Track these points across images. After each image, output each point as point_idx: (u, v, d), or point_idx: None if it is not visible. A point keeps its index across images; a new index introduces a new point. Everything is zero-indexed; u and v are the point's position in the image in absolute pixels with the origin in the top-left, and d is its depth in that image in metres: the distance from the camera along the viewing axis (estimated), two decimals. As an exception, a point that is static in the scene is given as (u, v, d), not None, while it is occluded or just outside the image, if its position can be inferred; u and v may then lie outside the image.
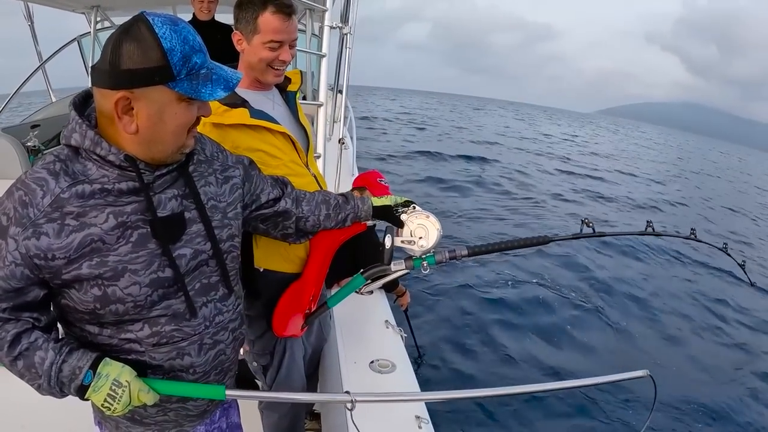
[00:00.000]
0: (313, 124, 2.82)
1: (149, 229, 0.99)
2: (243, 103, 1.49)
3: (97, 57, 0.95)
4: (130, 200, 0.98)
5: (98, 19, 5.09)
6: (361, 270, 1.62)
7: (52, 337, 1.01)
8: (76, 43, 5.28)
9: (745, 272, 1.63)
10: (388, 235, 1.50)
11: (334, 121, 4.85)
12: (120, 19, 5.04)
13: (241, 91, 1.54)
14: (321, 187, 1.70)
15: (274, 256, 1.64)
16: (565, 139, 34.59)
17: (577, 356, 4.96)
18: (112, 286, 0.97)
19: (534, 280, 6.76)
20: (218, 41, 2.24)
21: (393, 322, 2.22)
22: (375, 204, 1.51)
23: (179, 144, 1.00)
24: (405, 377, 1.87)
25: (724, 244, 1.61)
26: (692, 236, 1.57)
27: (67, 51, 5.13)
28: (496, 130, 32.70)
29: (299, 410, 1.96)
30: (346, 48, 3.66)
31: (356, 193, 1.61)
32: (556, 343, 5.15)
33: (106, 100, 0.92)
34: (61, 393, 1.01)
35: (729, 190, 21.92)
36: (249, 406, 2.01)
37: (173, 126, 0.96)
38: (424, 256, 1.50)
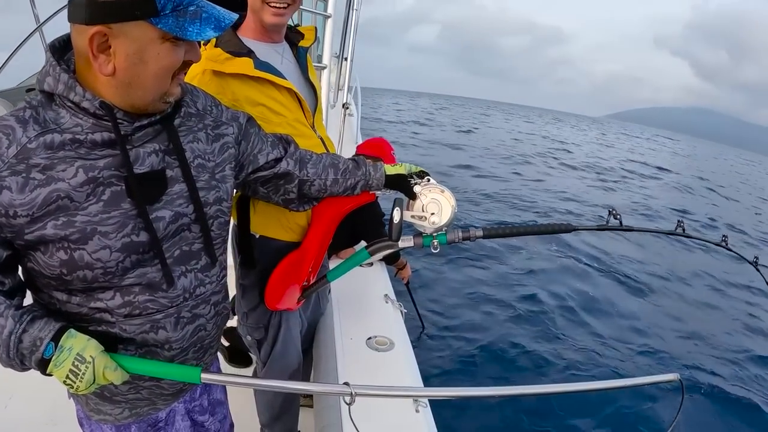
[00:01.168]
0: None
1: (124, 187, 0.90)
2: (248, 53, 1.39)
3: None
4: (104, 153, 0.88)
5: None
6: (366, 245, 1.53)
7: (14, 304, 0.91)
8: None
9: None
10: (397, 208, 1.38)
11: (338, 89, 4.70)
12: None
13: (248, 41, 1.44)
14: (328, 151, 1.59)
15: (271, 223, 1.55)
16: (593, 143, 33.91)
17: (589, 348, 4.82)
18: (80, 250, 0.87)
19: (553, 266, 6.64)
20: None
21: (393, 296, 2.13)
22: (388, 172, 1.39)
23: (162, 90, 0.90)
24: (403, 356, 1.78)
25: (755, 257, 1.49)
26: (723, 243, 1.46)
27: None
28: (513, 133, 32.26)
29: None
30: (352, 10, 3.49)
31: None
32: (565, 332, 5.02)
33: (81, 36, 0.82)
34: (22, 366, 0.91)
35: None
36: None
37: (155, 68, 0.86)
38: (435, 234, 1.39)
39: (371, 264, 2.33)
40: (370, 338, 1.82)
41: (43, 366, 0.89)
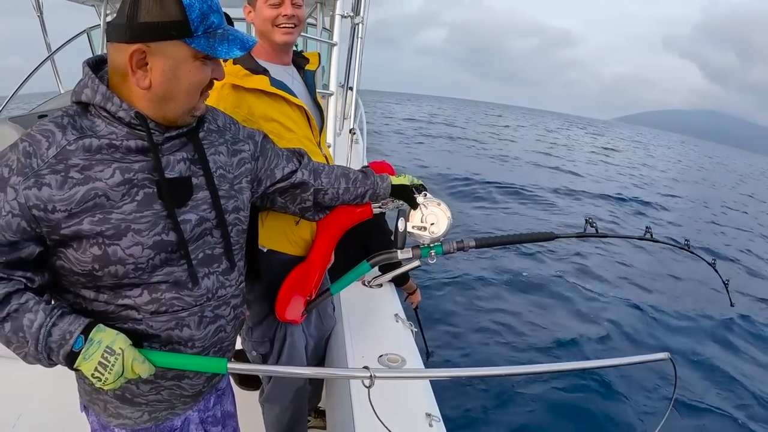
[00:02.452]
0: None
1: (155, 190, 0.96)
2: (264, 72, 1.50)
3: None
4: (138, 159, 0.95)
5: (108, 11, 5.05)
6: (368, 257, 1.58)
7: (44, 299, 0.95)
8: (85, 35, 5.24)
9: (727, 291, 1.65)
10: (402, 218, 1.47)
11: (344, 118, 4.79)
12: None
13: (261, 62, 1.54)
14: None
15: (278, 237, 1.60)
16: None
17: (597, 350, 5.03)
18: (114, 246, 0.92)
19: (542, 276, 6.86)
20: None
21: (403, 315, 2.13)
22: (394, 182, 1.49)
23: (191, 104, 0.98)
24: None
25: (713, 259, 1.64)
26: (686, 247, 1.61)
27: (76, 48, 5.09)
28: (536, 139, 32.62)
29: (302, 403, 1.88)
30: (357, 38, 3.59)
31: None
32: (571, 342, 5.14)
33: (120, 54, 0.91)
34: (49, 361, 0.94)
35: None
36: (248, 401, 1.93)
37: (187, 83, 0.95)
38: (432, 245, 1.47)
39: (380, 285, 2.35)
40: (381, 356, 1.82)
41: (71, 359, 0.92)
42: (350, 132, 3.52)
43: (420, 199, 1.46)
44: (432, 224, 1.44)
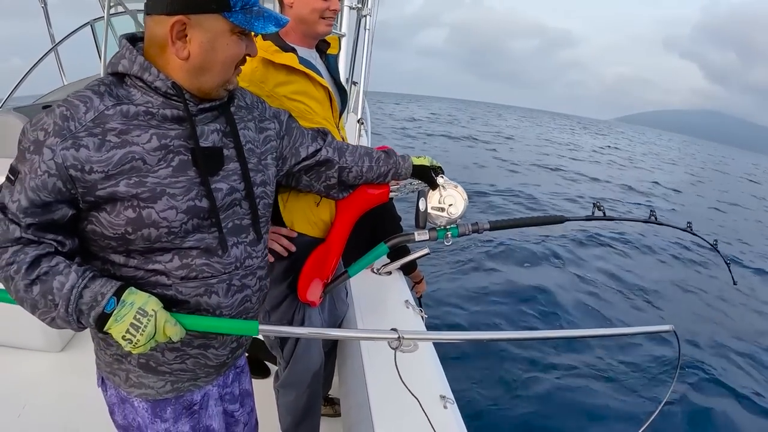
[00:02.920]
0: None
1: (190, 157, 0.99)
2: (293, 50, 1.51)
3: (111, 41, 0.99)
4: (173, 127, 0.98)
5: (111, 3, 5.05)
6: (386, 239, 1.60)
7: (75, 262, 0.95)
8: (89, 27, 5.24)
9: (729, 271, 1.71)
10: (422, 198, 1.50)
11: (348, 112, 4.78)
12: (133, 4, 5.01)
13: (289, 43, 1.56)
14: None
15: (299, 218, 1.60)
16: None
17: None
18: (148, 209, 0.94)
19: (546, 269, 6.98)
20: None
21: (413, 302, 2.13)
22: (415, 163, 1.52)
23: (226, 77, 1.01)
24: (427, 356, 1.77)
25: (715, 240, 1.70)
26: (688, 229, 1.67)
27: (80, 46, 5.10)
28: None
29: (317, 388, 1.87)
30: (364, 30, 3.57)
31: None
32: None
33: (160, 26, 0.93)
34: (78, 324, 0.94)
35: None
36: (258, 389, 1.92)
37: (223, 56, 0.98)
38: (448, 227, 1.49)
39: (390, 273, 2.34)
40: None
41: (101, 321, 0.92)
42: (358, 122, 3.51)
43: (441, 180, 1.49)
44: (450, 205, 1.47)
